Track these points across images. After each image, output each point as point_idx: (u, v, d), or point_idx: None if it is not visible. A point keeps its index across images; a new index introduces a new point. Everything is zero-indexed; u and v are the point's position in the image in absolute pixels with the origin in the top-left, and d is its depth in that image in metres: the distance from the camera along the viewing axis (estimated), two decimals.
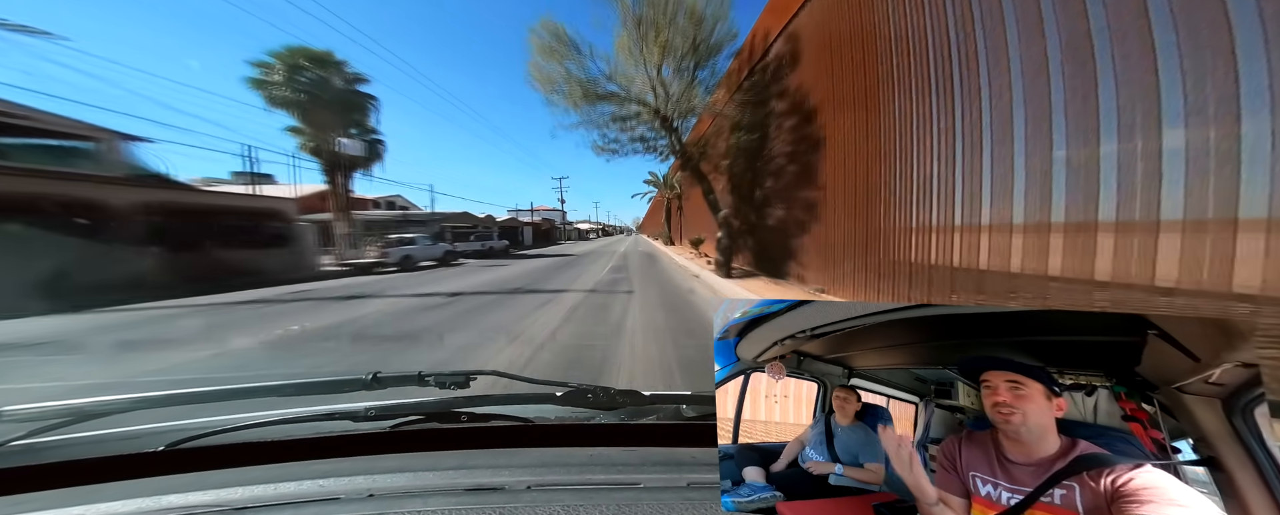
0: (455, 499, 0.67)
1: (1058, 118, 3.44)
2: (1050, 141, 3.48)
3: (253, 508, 0.66)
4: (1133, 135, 2.96)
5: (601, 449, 0.86)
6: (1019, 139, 3.76)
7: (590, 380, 1.06)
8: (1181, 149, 2.73)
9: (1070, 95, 3.34)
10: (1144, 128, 2.90)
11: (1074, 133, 3.33)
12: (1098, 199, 3.14)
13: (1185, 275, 2.68)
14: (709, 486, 0.69)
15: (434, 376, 1.04)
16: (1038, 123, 3.58)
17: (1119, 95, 3.03)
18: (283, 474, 0.75)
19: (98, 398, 0.93)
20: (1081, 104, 3.26)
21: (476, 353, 4.33)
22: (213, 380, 1.02)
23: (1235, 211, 2.49)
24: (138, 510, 0.66)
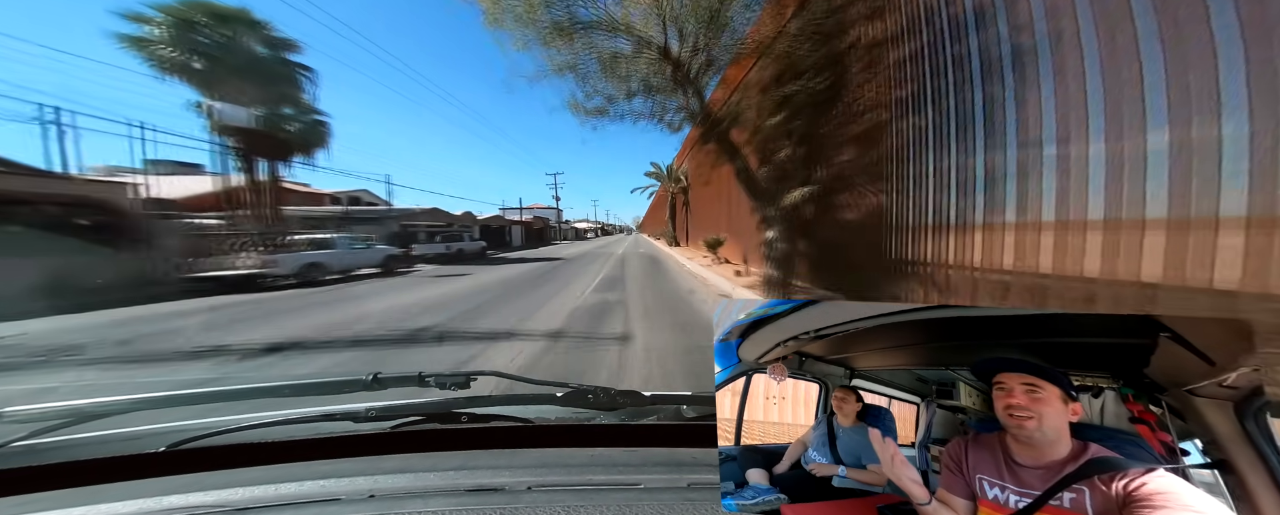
0: (456, 499, 0.67)
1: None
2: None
3: (254, 508, 0.66)
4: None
5: (602, 450, 0.86)
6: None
7: (592, 382, 1.06)
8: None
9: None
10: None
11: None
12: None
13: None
14: (710, 487, 0.69)
15: (434, 377, 1.04)
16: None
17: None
18: (284, 474, 0.75)
19: (99, 399, 0.93)
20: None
21: None
22: (214, 381, 1.02)
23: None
24: (139, 511, 0.66)
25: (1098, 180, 3.15)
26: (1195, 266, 2.62)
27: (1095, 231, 3.15)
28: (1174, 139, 2.78)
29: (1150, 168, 2.90)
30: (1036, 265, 3.57)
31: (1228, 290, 2.46)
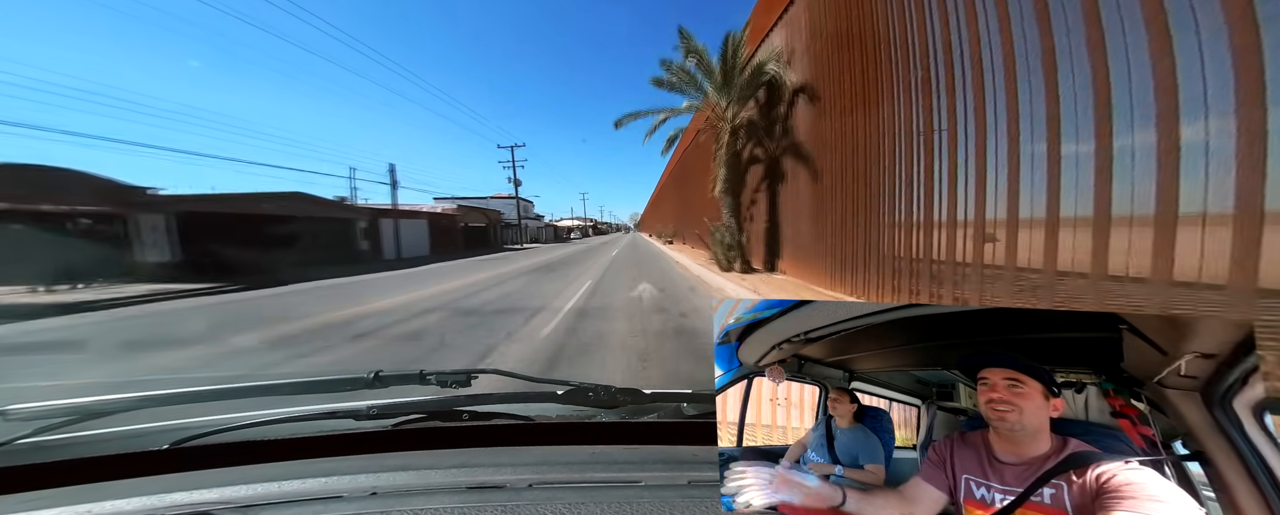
0: (457, 497, 0.67)
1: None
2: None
3: (256, 505, 0.66)
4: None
5: (603, 447, 0.86)
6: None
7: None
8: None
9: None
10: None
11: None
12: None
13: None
14: (709, 484, 0.69)
15: (435, 375, 1.05)
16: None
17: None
18: (286, 472, 0.76)
19: (103, 397, 0.94)
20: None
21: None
22: (216, 379, 1.03)
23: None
24: (142, 508, 0.66)
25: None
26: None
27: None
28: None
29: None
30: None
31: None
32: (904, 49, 5.30)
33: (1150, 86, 2.87)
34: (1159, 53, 2.82)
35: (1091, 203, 3.19)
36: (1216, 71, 2.59)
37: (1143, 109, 2.94)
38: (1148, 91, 2.88)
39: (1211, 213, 2.62)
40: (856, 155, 6.33)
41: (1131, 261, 2.95)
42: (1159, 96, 2.84)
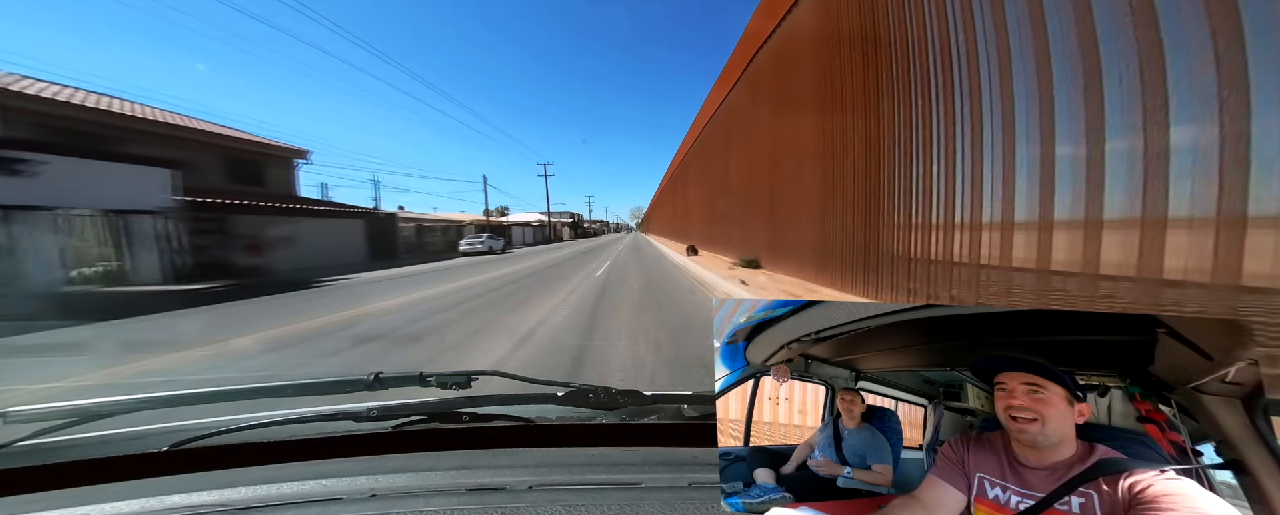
0: (457, 499, 0.67)
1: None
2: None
3: (256, 507, 0.66)
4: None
5: (603, 449, 0.85)
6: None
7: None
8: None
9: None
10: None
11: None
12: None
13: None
14: (710, 486, 0.68)
15: (435, 376, 1.04)
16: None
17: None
18: (286, 474, 0.75)
19: (102, 398, 0.94)
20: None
21: None
22: (216, 381, 1.02)
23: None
24: (142, 510, 0.66)
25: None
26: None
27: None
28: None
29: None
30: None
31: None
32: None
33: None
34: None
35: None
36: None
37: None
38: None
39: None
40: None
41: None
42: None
